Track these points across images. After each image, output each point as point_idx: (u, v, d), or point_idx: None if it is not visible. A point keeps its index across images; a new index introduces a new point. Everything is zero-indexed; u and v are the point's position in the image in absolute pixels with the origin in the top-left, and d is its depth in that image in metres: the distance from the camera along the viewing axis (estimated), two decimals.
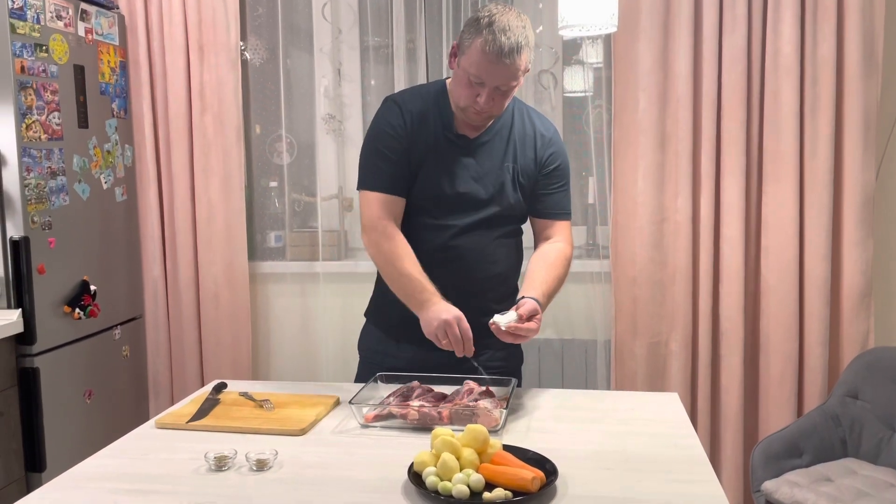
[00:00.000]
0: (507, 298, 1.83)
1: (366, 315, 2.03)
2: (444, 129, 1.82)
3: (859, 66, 2.65)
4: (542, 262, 1.86)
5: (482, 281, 1.84)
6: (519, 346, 2.00)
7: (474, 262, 1.84)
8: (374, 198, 1.81)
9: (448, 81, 1.87)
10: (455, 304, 1.76)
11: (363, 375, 1.94)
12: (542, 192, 1.90)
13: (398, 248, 1.78)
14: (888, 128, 2.82)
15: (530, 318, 1.68)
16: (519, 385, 1.83)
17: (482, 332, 1.72)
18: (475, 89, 1.72)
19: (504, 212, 1.86)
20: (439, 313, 1.67)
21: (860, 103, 2.67)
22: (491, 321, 1.66)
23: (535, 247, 1.94)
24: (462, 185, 1.82)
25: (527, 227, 1.99)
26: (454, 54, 1.77)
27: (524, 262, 1.95)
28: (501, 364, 1.91)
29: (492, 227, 1.86)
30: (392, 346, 1.92)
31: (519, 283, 1.93)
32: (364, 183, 1.84)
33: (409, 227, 1.85)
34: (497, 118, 1.84)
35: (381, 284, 1.96)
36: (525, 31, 1.68)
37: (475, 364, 1.71)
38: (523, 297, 1.72)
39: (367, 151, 1.86)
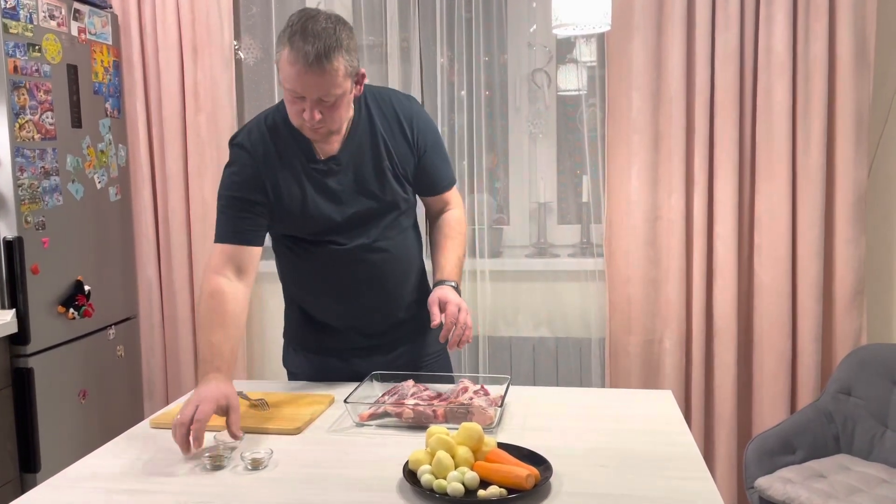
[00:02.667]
0: (419, 284, 1.86)
1: (284, 337, 2.03)
2: (307, 160, 1.70)
3: (851, 64, 2.66)
4: (442, 238, 1.85)
5: (397, 281, 1.83)
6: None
7: (388, 269, 1.81)
8: (218, 251, 1.69)
9: None
10: (379, 309, 1.82)
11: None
12: (427, 169, 1.81)
13: (215, 308, 1.62)
14: (880, 126, 2.83)
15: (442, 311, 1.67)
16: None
17: (403, 327, 1.83)
18: (299, 104, 1.58)
19: (400, 211, 1.81)
20: (198, 392, 1.48)
21: (852, 101, 2.68)
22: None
23: (431, 222, 1.91)
24: (354, 206, 1.73)
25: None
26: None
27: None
28: (432, 350, 1.92)
29: (394, 230, 1.80)
30: (324, 363, 1.90)
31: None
32: (215, 234, 1.72)
33: (315, 260, 1.78)
34: (353, 121, 1.72)
35: (291, 307, 1.96)
36: (335, 34, 1.54)
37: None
38: (437, 283, 1.76)
39: (218, 200, 1.72)
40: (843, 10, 2.64)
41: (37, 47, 2.50)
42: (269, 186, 1.70)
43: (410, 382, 1.70)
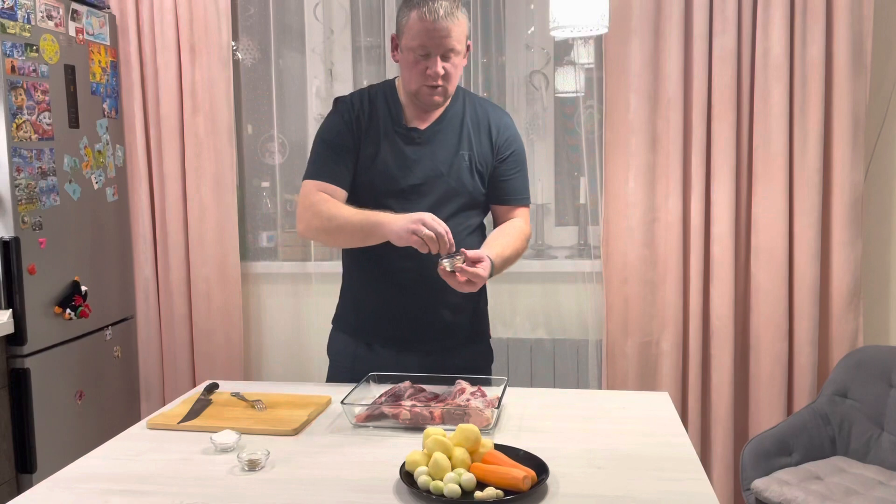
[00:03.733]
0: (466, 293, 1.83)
1: (333, 322, 2.02)
2: (394, 124, 1.84)
3: (848, 67, 2.67)
4: (500, 232, 1.88)
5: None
6: (488, 343, 2.01)
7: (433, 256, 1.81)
8: (313, 185, 1.82)
9: (396, 80, 1.89)
10: (420, 301, 1.82)
11: (334, 380, 1.96)
12: (501, 178, 1.91)
13: (336, 204, 1.77)
14: (877, 128, 2.84)
15: (476, 263, 1.67)
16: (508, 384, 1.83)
17: (446, 330, 1.79)
18: (422, 64, 1.75)
19: (463, 200, 1.86)
20: (408, 217, 1.65)
21: (849, 104, 2.68)
22: (439, 265, 1.64)
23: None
24: (419, 177, 1.83)
25: (488, 221, 1.99)
26: (395, 46, 1.81)
27: None
28: (472, 363, 1.92)
29: (453, 218, 1.82)
30: (363, 350, 1.92)
31: None
32: (307, 174, 1.85)
33: None
34: (447, 107, 1.86)
35: (347, 290, 1.97)
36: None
37: (447, 262, 1.64)
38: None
39: (315, 145, 1.88)
40: (840, 13, 2.65)
41: (34, 47, 2.50)
42: (359, 136, 1.83)
43: (407, 383, 1.71)
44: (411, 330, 1.87)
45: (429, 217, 1.63)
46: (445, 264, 1.64)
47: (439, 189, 1.83)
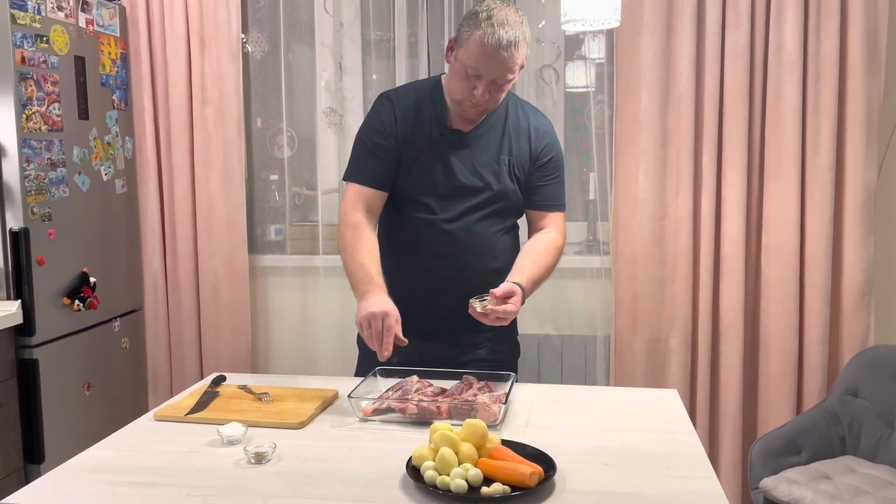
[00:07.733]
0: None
1: None
2: (438, 125, 1.84)
3: (862, 64, 2.64)
4: (530, 250, 1.88)
5: (481, 275, 1.85)
6: (515, 339, 2.02)
7: (473, 255, 1.85)
8: (353, 189, 1.85)
9: (443, 77, 1.89)
10: (452, 296, 1.78)
11: (363, 369, 1.95)
12: (537, 184, 1.92)
13: (360, 237, 1.79)
14: (890, 126, 2.81)
15: (506, 298, 1.69)
16: (516, 379, 1.83)
17: (479, 325, 1.75)
18: (472, 82, 1.74)
19: (502, 204, 1.88)
20: (370, 305, 1.66)
21: (863, 101, 2.66)
22: (470, 306, 1.68)
23: (529, 237, 1.96)
24: (458, 179, 1.84)
25: (522, 221, 2.00)
26: (451, 48, 1.80)
27: None
28: (498, 357, 1.93)
29: (490, 220, 1.87)
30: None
31: None
32: (347, 175, 1.88)
33: (409, 223, 1.86)
34: (491, 111, 1.86)
35: None
36: (522, 27, 1.72)
37: (477, 304, 1.68)
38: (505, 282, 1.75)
39: (355, 145, 1.89)
40: (855, 9, 2.62)
41: (44, 38, 2.50)
42: (401, 136, 1.84)
43: (415, 378, 1.70)
44: (441, 323, 1.88)
45: (380, 316, 1.63)
46: (476, 306, 1.68)
47: (478, 192, 1.85)
